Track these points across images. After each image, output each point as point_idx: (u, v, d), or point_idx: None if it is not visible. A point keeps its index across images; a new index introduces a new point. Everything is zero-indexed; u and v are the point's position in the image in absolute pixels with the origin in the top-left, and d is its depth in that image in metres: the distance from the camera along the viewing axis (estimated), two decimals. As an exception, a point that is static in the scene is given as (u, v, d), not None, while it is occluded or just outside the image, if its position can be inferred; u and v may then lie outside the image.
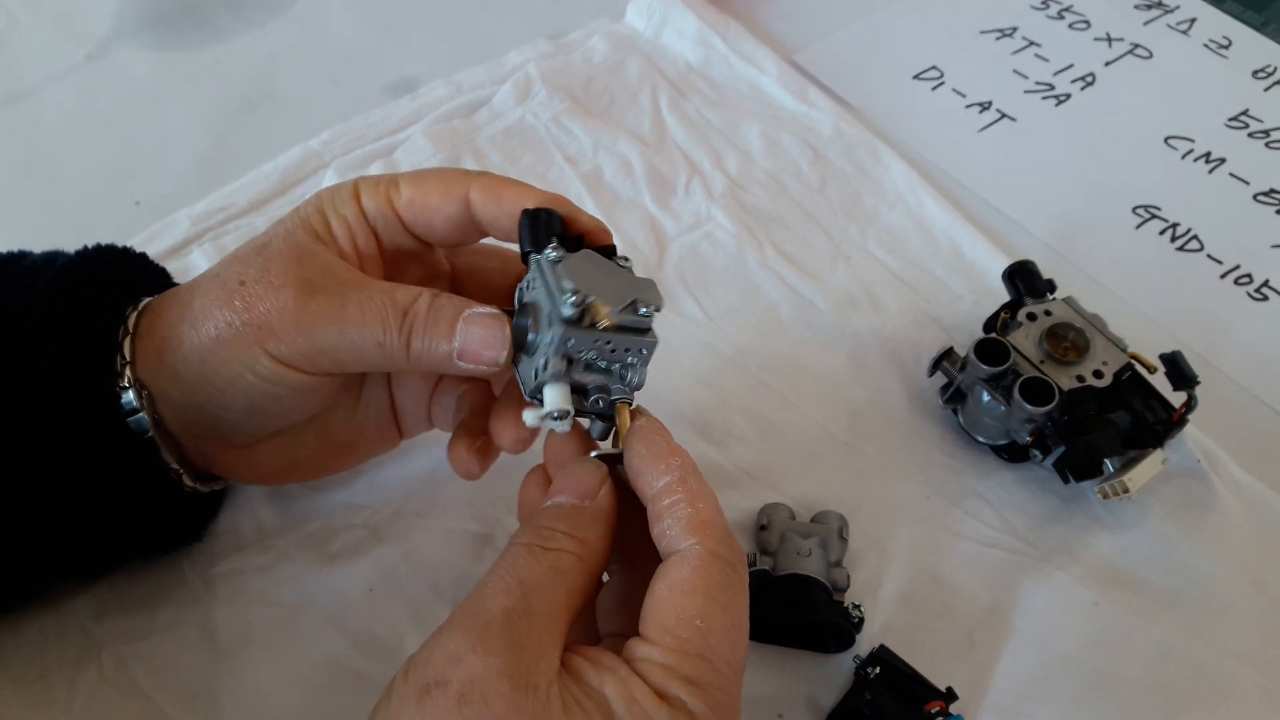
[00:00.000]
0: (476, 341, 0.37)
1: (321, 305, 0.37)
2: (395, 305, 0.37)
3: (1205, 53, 0.75)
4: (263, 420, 0.41)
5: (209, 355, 0.38)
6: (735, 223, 0.62)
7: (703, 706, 0.32)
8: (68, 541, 0.41)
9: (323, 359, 0.38)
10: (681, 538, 0.35)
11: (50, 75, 0.70)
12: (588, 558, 0.35)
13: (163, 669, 0.44)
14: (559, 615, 0.33)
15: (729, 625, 0.33)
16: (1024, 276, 0.55)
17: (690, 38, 0.72)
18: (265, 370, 0.38)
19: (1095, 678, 0.47)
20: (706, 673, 0.32)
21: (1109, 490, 0.49)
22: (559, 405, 0.37)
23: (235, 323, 0.38)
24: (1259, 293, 0.62)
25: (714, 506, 0.36)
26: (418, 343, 0.37)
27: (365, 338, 0.37)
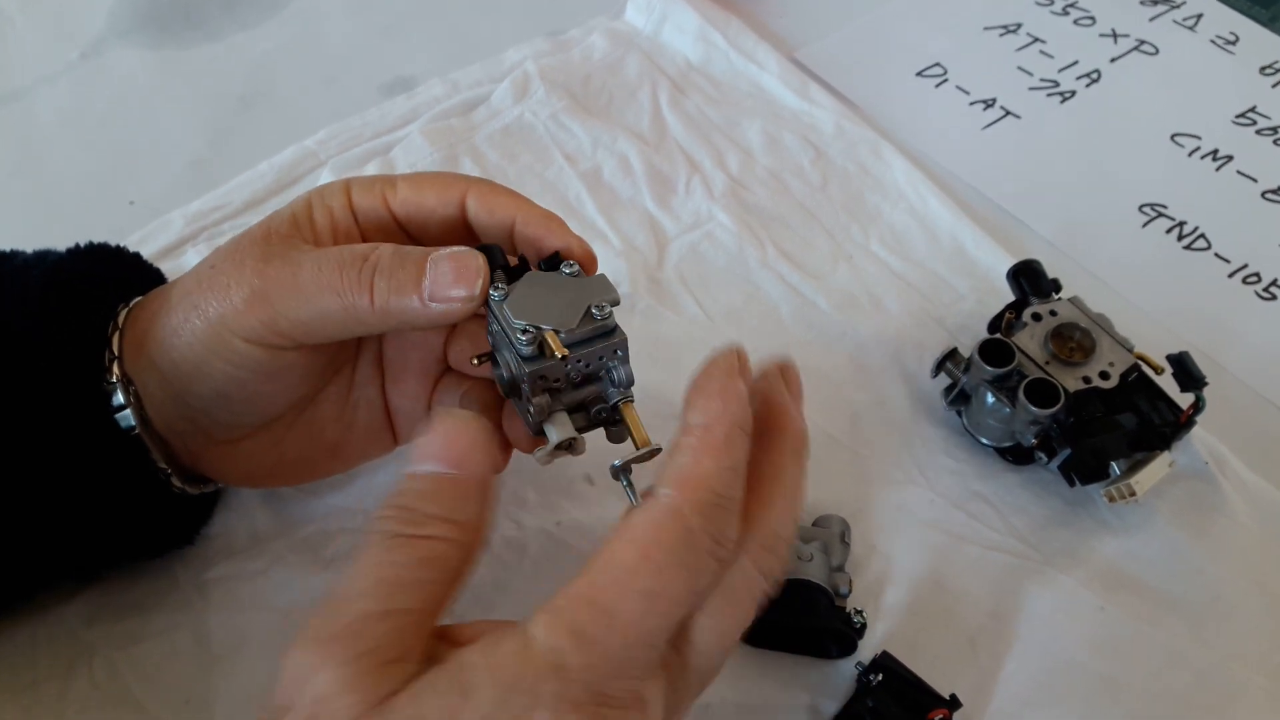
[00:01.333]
0: (447, 276, 0.35)
1: (278, 269, 0.36)
2: (354, 254, 0.36)
3: (1212, 49, 0.74)
4: (236, 408, 0.40)
5: (177, 340, 0.38)
6: (736, 222, 0.61)
7: (583, 660, 0.28)
8: (57, 543, 0.40)
9: (284, 324, 0.36)
10: (661, 484, 0.31)
11: (44, 75, 0.70)
12: (465, 538, 0.31)
13: (155, 675, 0.44)
14: (428, 611, 0.30)
15: (651, 592, 0.29)
16: (1029, 276, 0.55)
17: (691, 34, 0.71)
18: (229, 348, 0.37)
19: (1100, 683, 0.46)
20: (598, 627, 0.29)
21: (1115, 493, 0.48)
22: (564, 436, 0.36)
23: (199, 303, 0.37)
24: (1267, 291, 0.61)
25: (720, 467, 0.31)
26: (381, 288, 0.35)
27: (325, 291, 0.35)
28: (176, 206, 0.60)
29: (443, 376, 0.44)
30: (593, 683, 0.29)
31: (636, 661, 0.30)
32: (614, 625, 0.29)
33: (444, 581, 0.30)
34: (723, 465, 0.32)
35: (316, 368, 0.42)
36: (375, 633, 0.28)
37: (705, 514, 0.31)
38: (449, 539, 0.30)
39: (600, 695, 0.29)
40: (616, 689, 0.29)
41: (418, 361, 0.44)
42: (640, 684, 0.30)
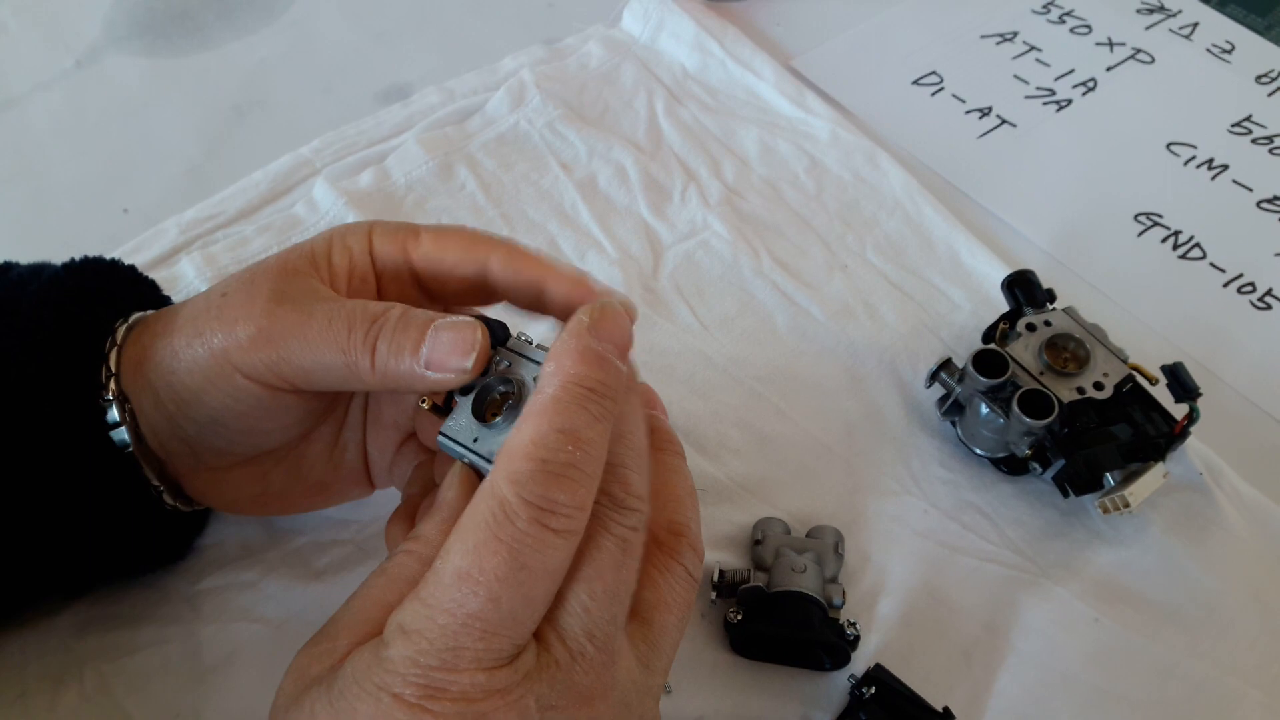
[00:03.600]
0: (445, 346, 0.35)
1: (289, 312, 0.36)
2: (365, 312, 0.36)
3: (1208, 58, 0.74)
4: (229, 437, 0.40)
5: (177, 364, 0.38)
6: (731, 230, 0.61)
7: (400, 653, 0.29)
8: (48, 558, 0.40)
9: (285, 370, 0.36)
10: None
11: (39, 82, 0.70)
12: (420, 549, 0.34)
13: (145, 687, 0.44)
14: (371, 608, 0.32)
15: (462, 572, 0.29)
16: (1023, 286, 0.55)
17: (687, 43, 0.71)
18: (229, 382, 0.37)
19: (1095, 696, 0.46)
20: (418, 619, 0.30)
21: (1110, 504, 0.48)
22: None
23: (204, 331, 0.37)
24: (1262, 301, 0.61)
25: (543, 432, 0.31)
26: (383, 350, 0.35)
27: (331, 346, 0.36)
28: (171, 214, 0.60)
29: (408, 438, 0.44)
30: (415, 675, 0.29)
31: (466, 650, 0.29)
32: (430, 615, 0.29)
33: (391, 585, 0.33)
34: (544, 429, 0.31)
35: (313, 410, 0.41)
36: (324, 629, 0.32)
37: (523, 484, 0.30)
38: (404, 551, 0.34)
39: (427, 689, 0.29)
40: (446, 681, 0.29)
41: (392, 416, 0.44)
42: (487, 675, 0.29)
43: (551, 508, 0.30)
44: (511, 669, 0.30)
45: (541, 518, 0.30)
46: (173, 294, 0.55)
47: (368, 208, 0.60)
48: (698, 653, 0.46)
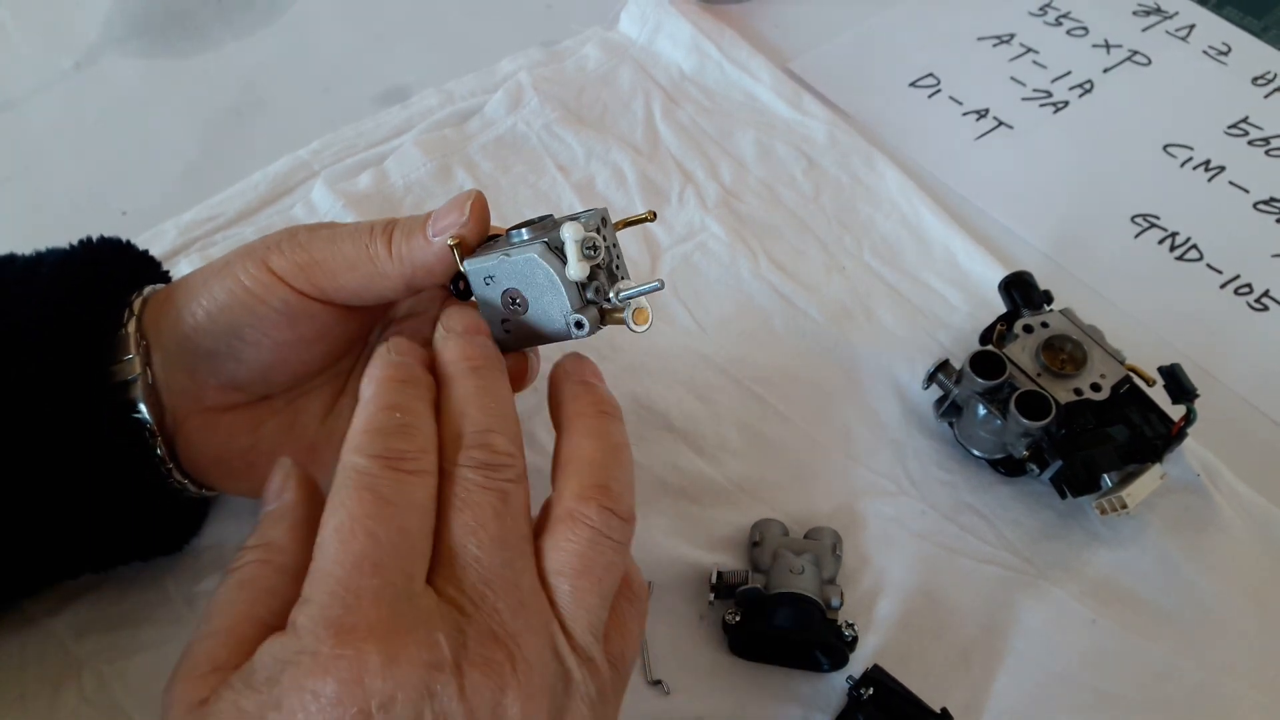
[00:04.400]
0: (444, 210, 0.39)
1: (321, 228, 0.41)
2: (381, 222, 0.40)
3: (1204, 59, 0.75)
4: (241, 358, 0.42)
5: (213, 278, 0.41)
6: (729, 232, 0.61)
7: (306, 617, 0.31)
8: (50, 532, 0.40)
9: (315, 272, 0.40)
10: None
11: (38, 84, 0.70)
12: (275, 558, 0.34)
13: (144, 689, 0.44)
14: (242, 625, 0.33)
15: (336, 525, 0.32)
16: (1020, 288, 0.55)
17: (684, 45, 0.71)
18: (260, 282, 0.40)
19: (1093, 697, 0.46)
20: (312, 585, 0.31)
21: (1107, 506, 0.48)
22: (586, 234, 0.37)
23: (245, 249, 0.41)
24: (1259, 303, 0.61)
25: (366, 415, 0.35)
26: (398, 237, 0.39)
27: (354, 244, 0.40)
28: (170, 216, 0.60)
29: None
30: (325, 629, 0.30)
31: (365, 588, 0.31)
32: (321, 575, 0.31)
33: (257, 597, 0.33)
34: (370, 411, 0.35)
35: (327, 339, 0.43)
36: (193, 653, 0.32)
37: (362, 447, 0.33)
38: (257, 561, 0.34)
39: (339, 634, 0.30)
40: (354, 621, 0.30)
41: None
42: (390, 609, 0.31)
43: (396, 454, 0.33)
44: (412, 605, 0.31)
45: (390, 463, 0.33)
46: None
47: (366, 210, 0.60)
48: (696, 654, 0.46)
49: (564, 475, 0.36)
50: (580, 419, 0.37)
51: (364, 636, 0.30)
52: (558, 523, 0.35)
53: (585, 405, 0.38)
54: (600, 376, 0.40)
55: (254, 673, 0.30)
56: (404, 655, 0.30)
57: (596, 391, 0.39)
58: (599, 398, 0.38)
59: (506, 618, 0.32)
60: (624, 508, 0.36)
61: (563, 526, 0.35)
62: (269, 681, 0.30)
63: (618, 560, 0.35)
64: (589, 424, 0.37)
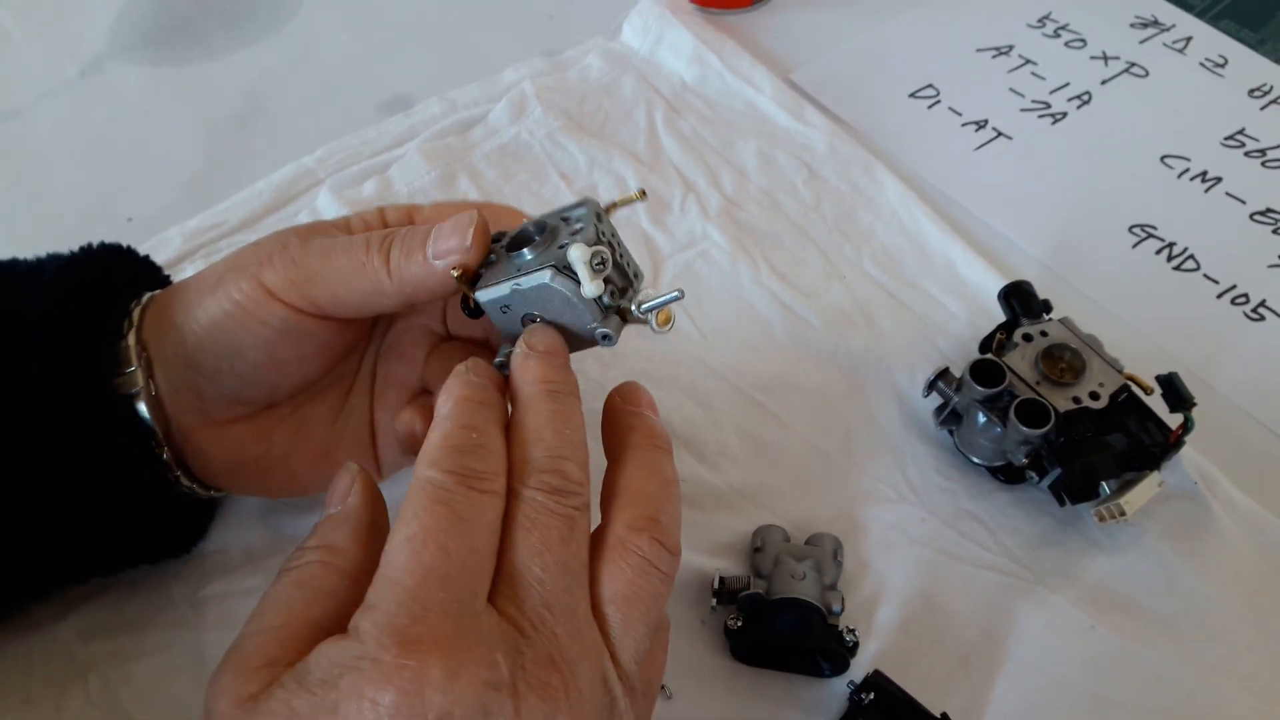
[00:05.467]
0: (446, 233, 0.39)
1: (316, 240, 0.40)
2: (378, 235, 0.40)
3: (1201, 71, 0.75)
4: (245, 375, 0.41)
5: (207, 295, 0.40)
6: (730, 241, 0.62)
7: (370, 623, 0.31)
8: (58, 536, 0.40)
9: (313, 289, 0.39)
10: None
11: (44, 92, 0.70)
12: (336, 561, 0.35)
13: (150, 693, 0.44)
14: (297, 624, 0.33)
15: (409, 535, 0.32)
16: (1020, 297, 0.55)
17: (686, 55, 0.72)
18: (256, 302, 0.39)
19: (1092, 703, 0.46)
20: (378, 592, 0.31)
21: (1105, 513, 0.49)
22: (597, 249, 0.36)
23: (239, 266, 0.40)
24: (1256, 313, 0.61)
25: (444, 431, 0.35)
26: (396, 255, 0.39)
27: (352, 259, 0.39)
28: (174, 224, 0.60)
29: (419, 395, 0.46)
30: (389, 637, 0.30)
31: (433, 599, 0.31)
32: (388, 583, 0.31)
33: (314, 597, 0.34)
34: (448, 428, 0.35)
35: (330, 350, 0.43)
36: (244, 647, 0.33)
37: (440, 462, 0.34)
38: (318, 561, 0.35)
39: (404, 644, 0.30)
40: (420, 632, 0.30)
41: (401, 377, 0.46)
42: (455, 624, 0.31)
43: (471, 473, 0.33)
44: (475, 623, 0.31)
45: (465, 480, 0.33)
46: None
47: (370, 217, 0.61)
48: (698, 659, 0.46)
49: (617, 505, 0.36)
50: (635, 451, 0.38)
51: (428, 649, 0.30)
52: (610, 551, 0.35)
53: (640, 437, 0.38)
54: (655, 407, 0.40)
55: (309, 673, 0.30)
56: (465, 672, 0.30)
57: (651, 424, 0.39)
58: (653, 431, 0.38)
59: (564, 642, 0.32)
60: (672, 541, 0.36)
61: (615, 555, 0.35)
62: (324, 684, 0.30)
63: (664, 592, 0.36)
64: (643, 456, 0.37)
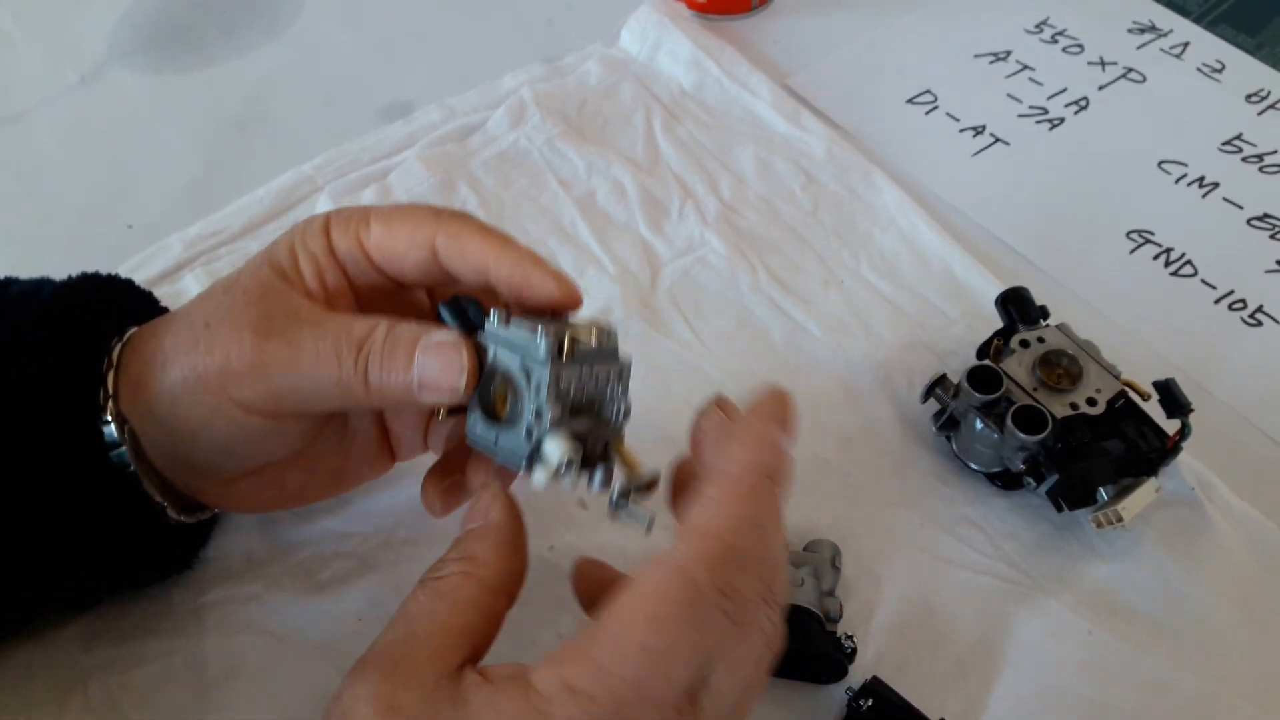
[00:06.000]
0: (434, 370, 0.36)
1: (278, 346, 0.37)
2: (350, 339, 0.37)
3: (1199, 77, 0.75)
4: (239, 460, 0.41)
5: (177, 399, 0.38)
6: (728, 246, 0.62)
7: (568, 714, 0.29)
8: (55, 574, 0.41)
9: (285, 401, 0.38)
10: (679, 538, 0.32)
11: (43, 98, 0.70)
12: (477, 572, 0.34)
13: (150, 700, 0.44)
14: (443, 634, 0.33)
15: (649, 647, 0.30)
16: (1017, 303, 0.55)
17: (684, 61, 0.72)
18: (230, 415, 0.38)
19: (1089, 708, 0.46)
20: (592, 683, 0.30)
21: (1103, 519, 0.49)
22: (566, 452, 0.35)
23: (199, 367, 0.37)
24: (1253, 318, 0.62)
25: (739, 520, 0.32)
26: (375, 376, 0.36)
27: (322, 375, 0.37)
28: (175, 230, 0.60)
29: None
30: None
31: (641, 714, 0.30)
32: (608, 682, 0.30)
33: (459, 608, 0.34)
34: (742, 517, 0.32)
35: (318, 422, 0.42)
36: (395, 655, 0.32)
37: (715, 569, 0.31)
38: (460, 573, 0.34)
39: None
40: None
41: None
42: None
43: (736, 598, 0.31)
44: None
45: (726, 605, 0.31)
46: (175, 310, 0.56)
47: (370, 224, 0.61)
48: (697, 665, 0.47)
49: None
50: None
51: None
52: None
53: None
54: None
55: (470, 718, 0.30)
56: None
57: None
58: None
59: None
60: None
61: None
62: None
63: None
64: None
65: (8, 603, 0.40)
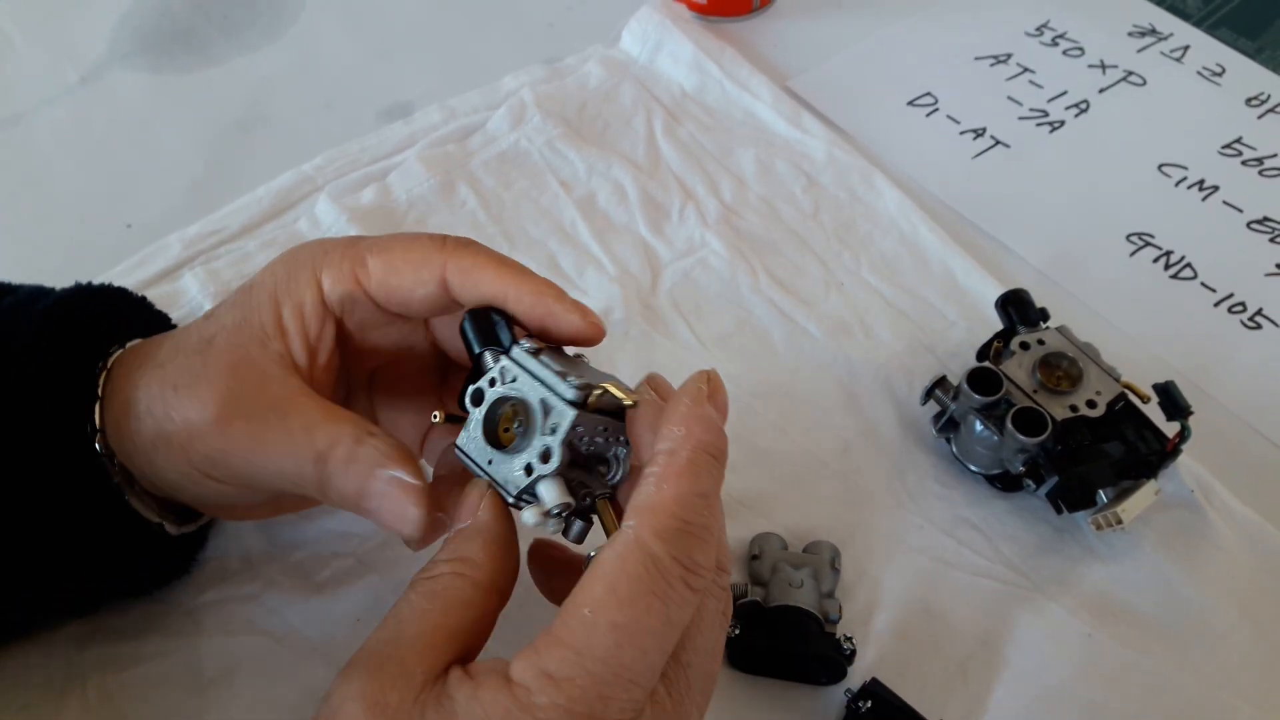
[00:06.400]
0: (383, 511, 0.36)
1: (240, 432, 0.37)
2: (311, 447, 0.36)
3: (1199, 80, 0.75)
4: (222, 504, 0.41)
5: (152, 455, 0.39)
6: (729, 248, 0.62)
7: (550, 700, 0.30)
8: (53, 583, 0.41)
9: (247, 479, 0.38)
10: (627, 518, 0.32)
11: (44, 98, 0.70)
12: (469, 573, 0.34)
13: (148, 699, 0.44)
14: (433, 635, 0.33)
15: (618, 624, 0.30)
16: (1017, 305, 0.55)
17: (685, 63, 0.72)
18: (199, 479, 0.38)
19: (1089, 710, 0.46)
20: (568, 666, 0.30)
21: (1102, 521, 0.49)
22: (560, 500, 0.34)
23: (165, 431, 0.38)
24: (1252, 321, 0.62)
25: (683, 493, 0.32)
26: (332, 492, 0.37)
27: (282, 474, 0.37)
28: (174, 230, 0.61)
29: (432, 427, 0.45)
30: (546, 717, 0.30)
31: (614, 700, 0.30)
32: (584, 664, 0.30)
33: (449, 608, 0.33)
34: (687, 490, 0.32)
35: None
36: (384, 654, 0.32)
37: (670, 541, 0.31)
38: (451, 573, 0.34)
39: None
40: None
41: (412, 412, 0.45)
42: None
43: (694, 568, 0.32)
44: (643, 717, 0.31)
45: (686, 576, 0.31)
46: (175, 309, 0.56)
47: (370, 224, 0.61)
48: (695, 666, 0.46)
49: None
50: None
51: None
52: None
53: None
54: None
55: (456, 714, 0.30)
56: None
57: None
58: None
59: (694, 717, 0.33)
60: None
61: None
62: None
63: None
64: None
65: (5, 608, 0.40)
